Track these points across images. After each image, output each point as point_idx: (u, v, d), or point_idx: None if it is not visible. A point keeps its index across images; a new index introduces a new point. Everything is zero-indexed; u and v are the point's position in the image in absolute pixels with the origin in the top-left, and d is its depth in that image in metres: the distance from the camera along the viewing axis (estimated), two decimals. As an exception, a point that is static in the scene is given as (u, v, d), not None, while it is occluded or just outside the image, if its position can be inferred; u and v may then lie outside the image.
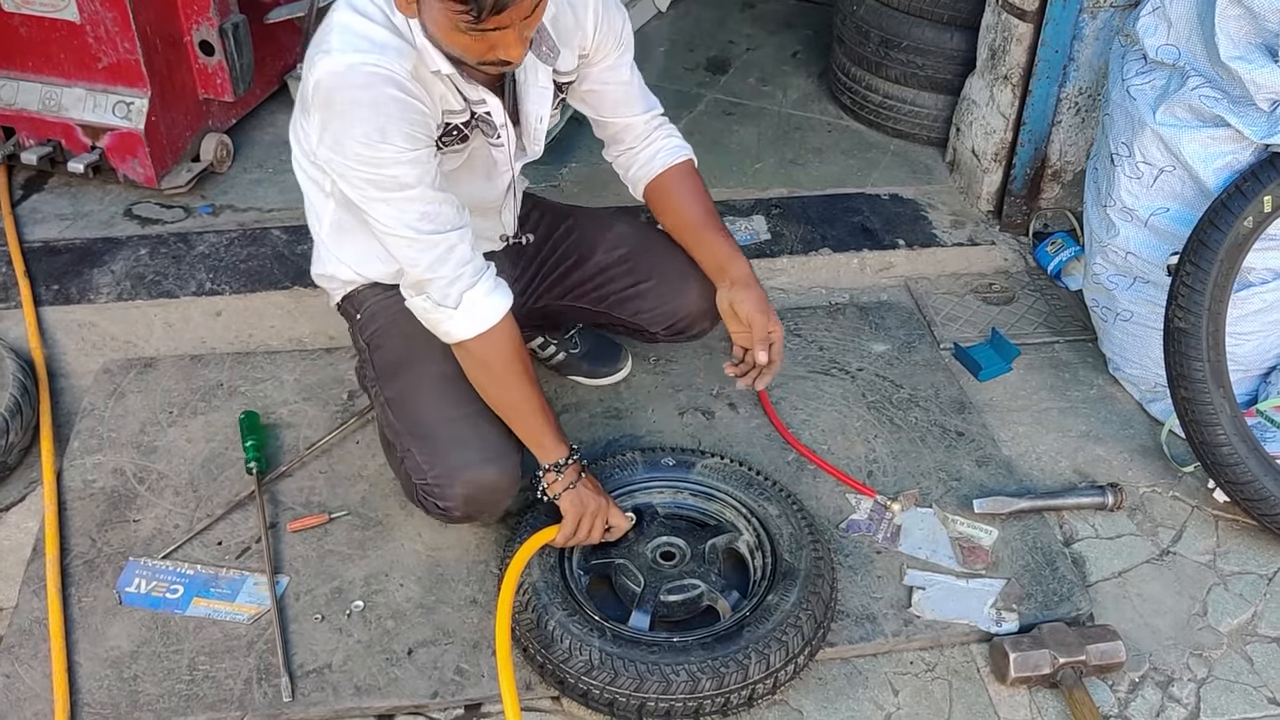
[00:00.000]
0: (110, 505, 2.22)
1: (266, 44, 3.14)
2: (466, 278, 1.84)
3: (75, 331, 2.61)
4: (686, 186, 2.14)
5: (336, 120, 1.71)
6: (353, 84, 1.69)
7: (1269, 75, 2.13)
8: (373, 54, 1.69)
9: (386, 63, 1.70)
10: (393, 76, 1.70)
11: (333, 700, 1.89)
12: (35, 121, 2.89)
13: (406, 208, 1.77)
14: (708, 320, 2.24)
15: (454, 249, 1.82)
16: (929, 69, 3.31)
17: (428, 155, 1.78)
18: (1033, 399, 2.59)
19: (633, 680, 1.79)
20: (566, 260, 2.25)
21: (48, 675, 1.89)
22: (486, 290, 1.86)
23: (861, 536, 2.20)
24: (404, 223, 1.78)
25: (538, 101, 1.94)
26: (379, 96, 1.69)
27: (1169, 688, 1.99)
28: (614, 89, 2.07)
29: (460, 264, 1.83)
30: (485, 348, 1.89)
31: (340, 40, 1.70)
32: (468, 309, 1.85)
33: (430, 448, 1.96)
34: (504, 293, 1.89)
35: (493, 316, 1.86)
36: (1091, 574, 2.18)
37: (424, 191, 1.77)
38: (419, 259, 1.81)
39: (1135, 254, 2.45)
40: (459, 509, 1.96)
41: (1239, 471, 2.15)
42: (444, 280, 1.83)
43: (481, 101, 1.86)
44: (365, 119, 1.69)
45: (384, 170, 1.73)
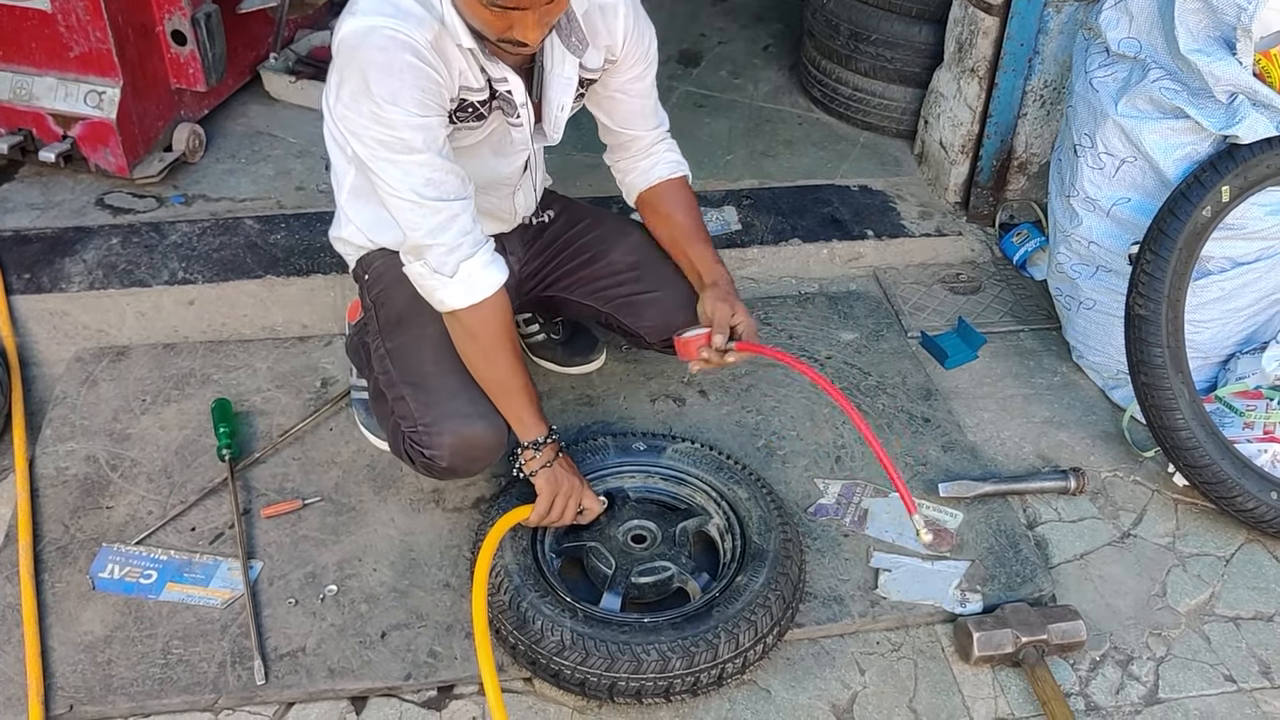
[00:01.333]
0: (83, 492, 2.22)
1: (239, 34, 3.14)
2: (465, 248, 1.86)
3: (47, 320, 2.61)
4: (678, 199, 2.20)
5: (354, 79, 1.76)
6: (372, 45, 1.74)
7: (1227, 68, 2.18)
8: (395, 19, 1.74)
9: (407, 29, 1.74)
10: (410, 43, 1.74)
11: (306, 683, 1.91)
12: (6, 110, 2.87)
13: (413, 171, 1.80)
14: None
15: (456, 218, 1.85)
16: (898, 62, 3.34)
17: (438, 123, 1.82)
18: (998, 386, 2.64)
19: (604, 660, 1.82)
20: (582, 255, 2.29)
21: (21, 660, 1.90)
22: (484, 262, 1.89)
23: (829, 520, 2.24)
24: (409, 186, 1.80)
25: (561, 90, 1.98)
26: (395, 60, 1.74)
27: (1129, 666, 2.03)
28: (631, 101, 2.11)
29: (461, 233, 1.86)
30: (476, 319, 1.91)
31: (368, 3, 1.75)
32: (463, 278, 1.87)
33: (424, 395, 1.99)
34: (500, 267, 1.92)
35: (487, 288, 1.89)
36: (1054, 556, 2.22)
37: (431, 158, 1.80)
38: (420, 223, 1.84)
39: (1098, 243, 2.50)
40: (444, 458, 1.97)
41: (1198, 456, 2.20)
42: (443, 248, 1.85)
43: (504, 79, 1.90)
44: (380, 80, 1.74)
45: (394, 132, 1.77)
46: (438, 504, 2.24)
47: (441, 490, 2.26)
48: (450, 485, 2.27)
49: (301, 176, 3.06)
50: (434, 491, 2.26)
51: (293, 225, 2.84)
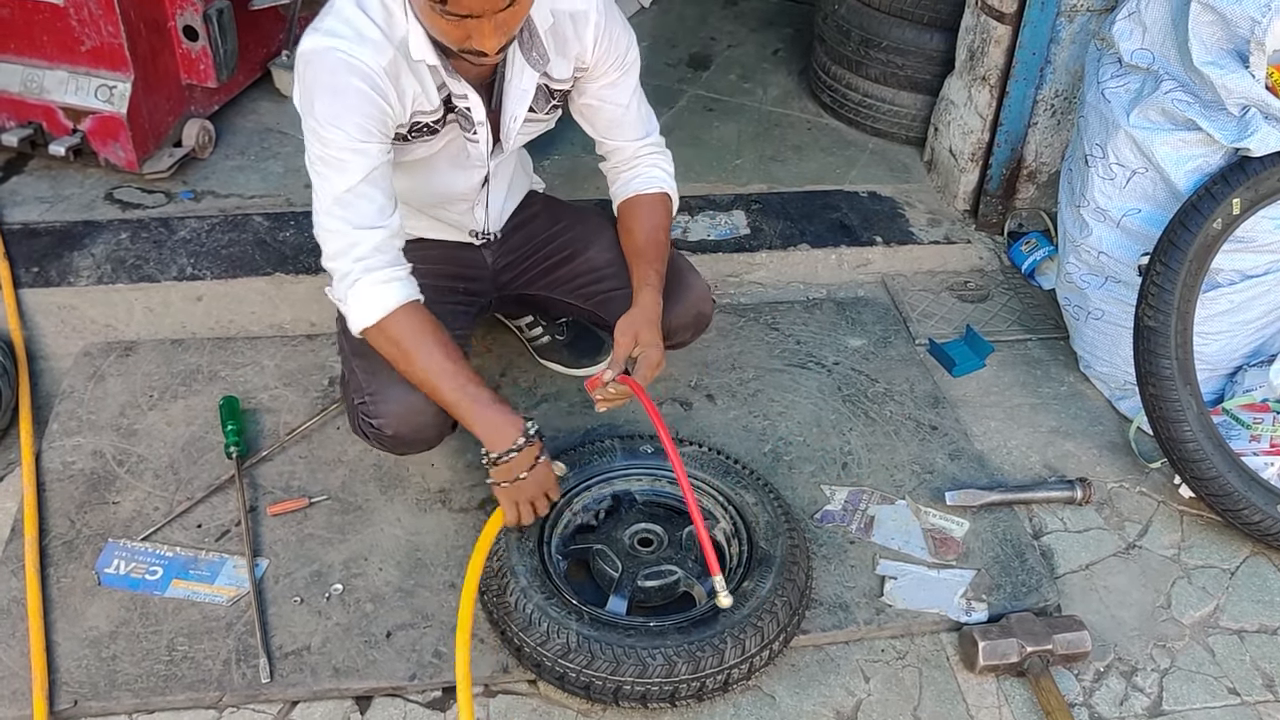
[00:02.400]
0: (89, 487, 2.22)
1: (250, 30, 3.14)
2: (355, 274, 1.86)
3: (55, 314, 2.61)
4: (642, 214, 2.15)
5: (305, 93, 1.80)
6: (323, 65, 1.77)
7: (1240, 80, 2.18)
8: (351, 43, 1.76)
9: (361, 55, 1.77)
10: (361, 68, 1.77)
11: (311, 682, 1.91)
12: (17, 103, 2.87)
13: (334, 186, 1.82)
14: (688, 333, 2.28)
15: (355, 245, 1.85)
16: (908, 69, 3.34)
17: (378, 151, 1.83)
18: (1005, 395, 2.64)
19: (609, 663, 1.82)
20: (561, 253, 2.28)
21: (26, 655, 1.90)
22: (374, 282, 1.86)
23: (836, 527, 2.24)
24: (326, 204, 1.84)
25: (517, 102, 1.98)
26: (342, 84, 1.77)
27: (1133, 677, 2.03)
28: (610, 109, 2.09)
29: (353, 260, 1.86)
30: (376, 342, 1.90)
31: (331, 23, 1.78)
32: (353, 304, 1.88)
33: (370, 365, 1.99)
34: (399, 290, 1.87)
35: (376, 312, 1.86)
36: (1059, 566, 2.22)
37: (355, 182, 1.82)
38: (326, 241, 1.87)
39: (1107, 254, 2.50)
40: (390, 426, 1.98)
41: (1204, 468, 2.20)
42: (339, 273, 1.88)
43: (464, 96, 1.91)
44: (326, 101, 1.77)
45: (329, 150, 1.80)
46: (444, 504, 2.24)
47: (448, 490, 2.26)
48: (456, 485, 2.27)
49: (311, 174, 3.06)
50: (440, 492, 2.26)
51: (302, 223, 2.84)
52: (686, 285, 2.23)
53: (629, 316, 2.02)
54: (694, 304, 2.23)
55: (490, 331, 2.67)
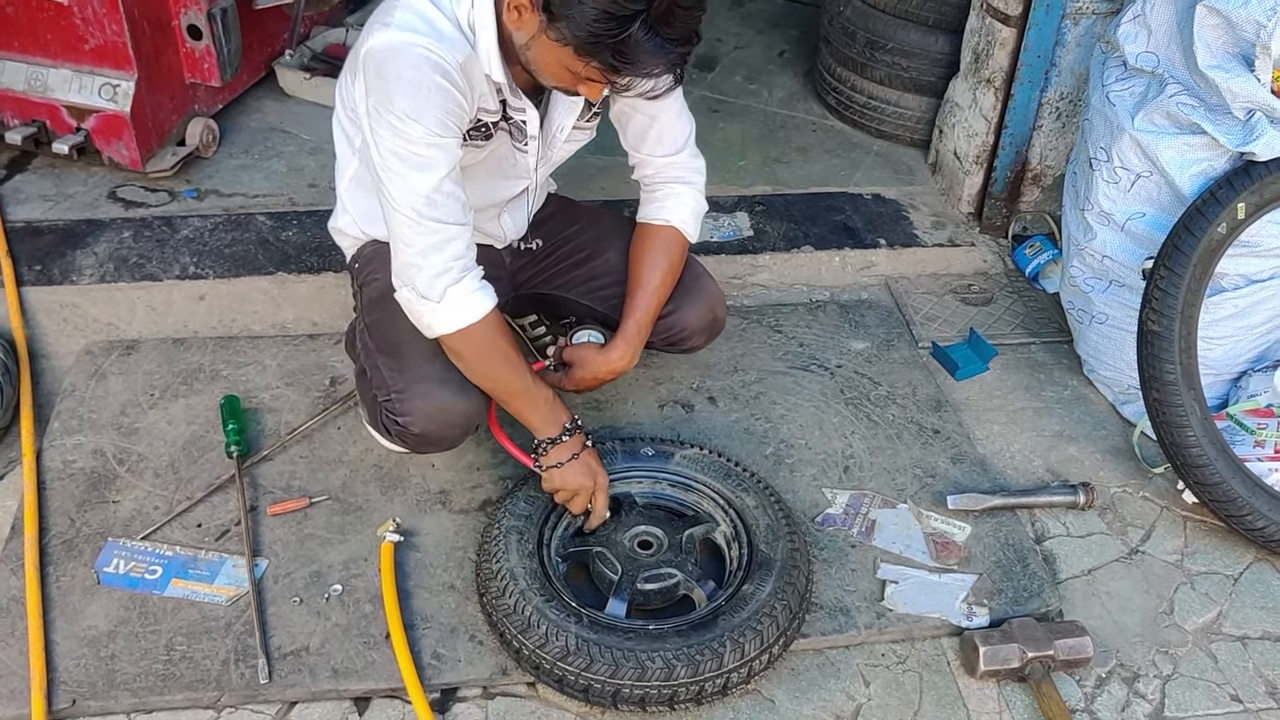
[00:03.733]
0: (90, 486, 2.22)
1: (254, 29, 3.14)
2: (454, 273, 1.86)
3: (57, 312, 2.61)
4: (649, 246, 2.15)
5: (381, 91, 1.76)
6: (403, 61, 1.74)
7: (1245, 84, 2.17)
8: (430, 38, 1.74)
9: (440, 50, 1.74)
10: (442, 64, 1.75)
11: (310, 682, 1.90)
12: (20, 102, 2.88)
13: (420, 187, 1.80)
14: (703, 337, 2.29)
15: (450, 242, 1.84)
16: (913, 71, 3.34)
17: (455, 144, 1.82)
18: (1008, 399, 2.63)
19: (608, 666, 1.81)
20: (579, 254, 2.29)
21: (24, 653, 1.90)
22: (470, 288, 1.88)
23: (837, 530, 2.23)
24: (410, 203, 1.81)
25: (565, 113, 1.99)
26: (424, 79, 1.74)
27: (1135, 684, 2.02)
28: (639, 119, 2.08)
29: (451, 258, 1.85)
30: (464, 343, 1.91)
31: (403, 18, 1.75)
32: (450, 304, 1.87)
33: (397, 364, 2.01)
34: (488, 293, 1.91)
35: (474, 314, 1.88)
36: (1061, 571, 2.21)
37: (439, 179, 1.80)
38: (414, 241, 1.84)
39: (1111, 258, 2.49)
40: (416, 424, 1.99)
41: (1208, 473, 2.19)
42: (431, 271, 1.85)
43: (521, 110, 1.92)
44: (407, 95, 1.74)
45: (410, 147, 1.78)
46: (444, 505, 2.24)
47: (448, 492, 2.26)
48: (456, 487, 2.27)
49: (314, 173, 3.06)
50: (440, 493, 2.26)
51: (305, 222, 2.84)
52: (702, 290, 2.24)
53: (585, 352, 2.14)
54: (710, 308, 2.24)
55: (492, 332, 2.66)
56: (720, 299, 2.28)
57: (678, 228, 2.15)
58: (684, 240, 2.16)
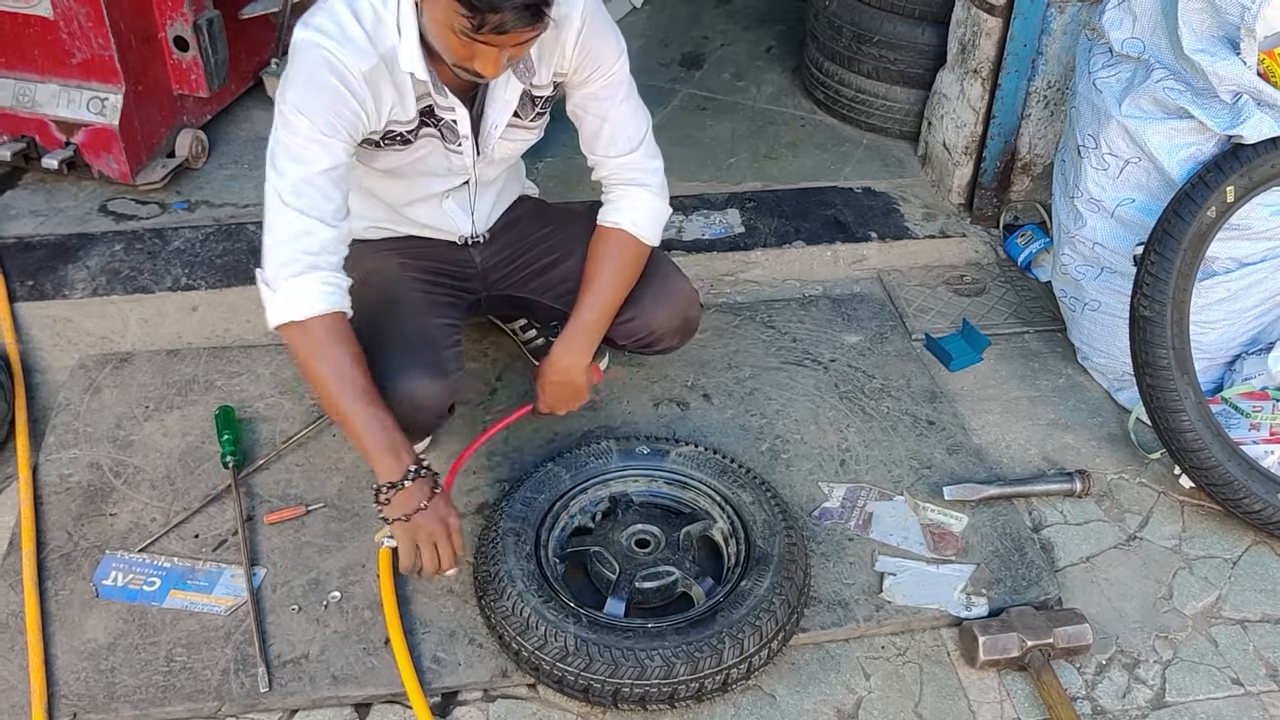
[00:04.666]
0: (86, 499, 2.22)
1: (241, 40, 3.14)
2: (298, 265, 1.83)
3: (50, 327, 2.61)
4: (602, 250, 2.12)
5: (285, 78, 1.82)
6: (305, 58, 1.80)
7: (1231, 67, 2.17)
8: (336, 42, 1.78)
9: (343, 56, 1.78)
10: (341, 68, 1.79)
11: (310, 690, 1.90)
12: (9, 117, 2.88)
13: (291, 175, 1.82)
14: (675, 339, 2.28)
15: (306, 235, 1.83)
16: (901, 64, 3.34)
17: (341, 150, 1.84)
18: (1003, 388, 2.63)
19: (607, 666, 1.81)
20: (548, 256, 2.28)
21: (24, 668, 1.90)
22: (310, 284, 1.83)
23: (834, 524, 2.23)
24: (279, 188, 1.83)
25: (499, 111, 1.99)
26: (320, 78, 1.79)
27: (1135, 670, 2.02)
28: (590, 120, 2.07)
29: (302, 251, 1.83)
30: (293, 341, 1.87)
31: (320, 20, 1.80)
32: (284, 294, 1.84)
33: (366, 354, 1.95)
34: (331, 297, 1.84)
35: (302, 310, 1.83)
36: (1059, 559, 2.21)
37: (313, 172, 1.82)
38: (274, 227, 1.85)
39: (1102, 244, 2.49)
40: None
41: (1203, 457, 2.19)
42: (279, 259, 1.84)
43: (450, 109, 1.93)
44: (300, 90, 1.80)
45: (294, 138, 1.81)
46: (441, 509, 2.23)
47: (445, 495, 2.26)
48: (453, 491, 2.26)
49: (304, 182, 3.06)
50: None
51: (295, 231, 2.83)
52: (671, 290, 2.21)
53: (539, 366, 2.17)
54: (680, 309, 2.22)
55: (486, 335, 2.67)
56: (692, 298, 2.25)
57: (628, 230, 2.11)
58: (636, 243, 2.12)
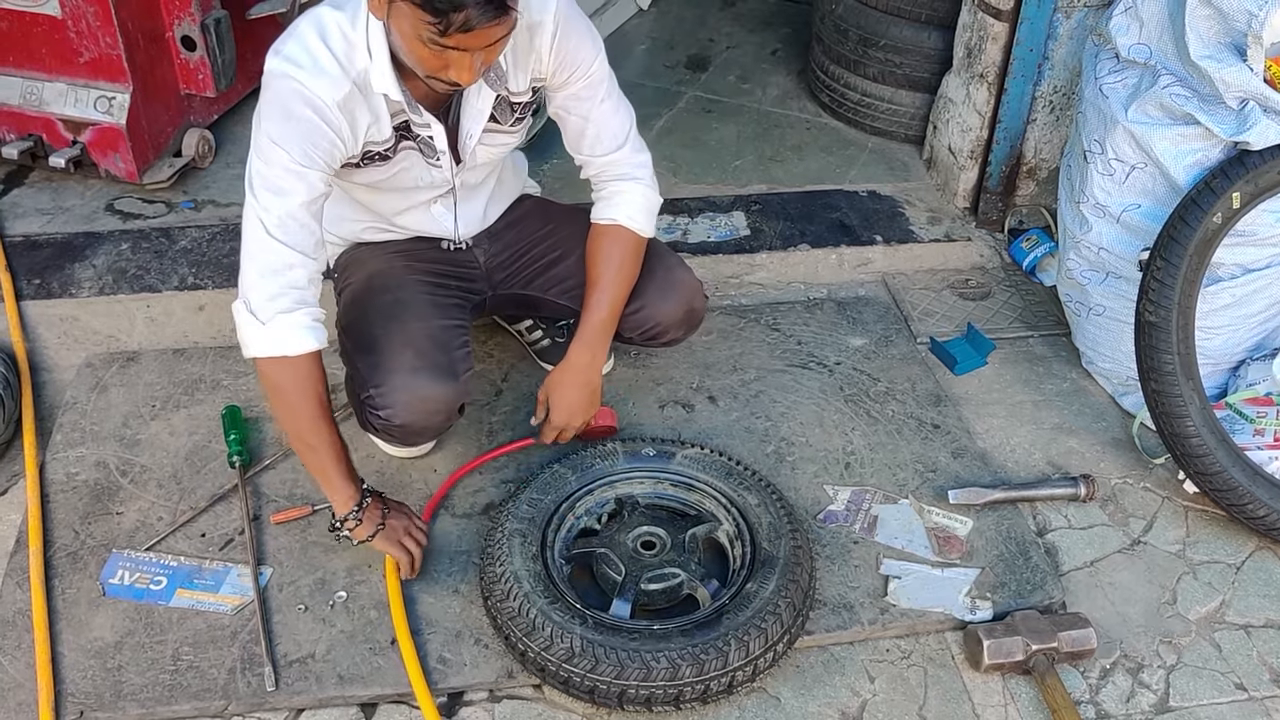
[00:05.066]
0: (93, 498, 2.23)
1: (248, 39, 3.14)
2: (287, 300, 1.84)
3: (57, 325, 2.62)
4: (599, 246, 2.15)
5: (260, 111, 1.81)
6: (278, 91, 1.78)
7: (1238, 74, 2.17)
8: (309, 73, 1.77)
9: (316, 86, 1.78)
10: (314, 100, 1.78)
11: (316, 689, 1.91)
12: (16, 116, 2.89)
13: (273, 208, 1.81)
14: (680, 330, 2.29)
15: (291, 269, 1.83)
16: (907, 67, 3.34)
17: (318, 180, 1.84)
18: (1007, 392, 2.63)
19: (613, 667, 1.82)
20: (551, 253, 2.29)
21: (31, 666, 1.90)
22: (300, 322, 1.85)
23: (839, 527, 2.24)
24: (262, 219, 1.82)
25: (474, 120, 1.99)
26: (293, 110, 1.78)
27: (1139, 674, 2.03)
28: (574, 121, 2.07)
29: (289, 285, 1.84)
30: (279, 374, 1.88)
31: (292, 48, 1.79)
32: (273, 329, 1.84)
33: (373, 359, 2.02)
34: (316, 335, 1.88)
35: (293, 348, 1.85)
36: (1064, 563, 2.21)
37: (294, 205, 1.82)
38: (257, 258, 1.84)
39: (1108, 249, 2.49)
40: (398, 416, 2.00)
41: (1208, 463, 2.19)
42: (266, 293, 1.84)
43: (426, 125, 1.94)
44: (276, 122, 1.79)
45: (271, 170, 1.80)
46: (447, 510, 2.24)
47: (450, 496, 2.27)
48: (459, 491, 2.28)
49: (310, 182, 3.06)
50: (443, 499, 2.26)
51: (302, 231, 2.84)
52: (675, 282, 2.23)
53: (553, 373, 2.18)
54: (684, 300, 2.24)
55: (492, 336, 2.67)
56: (696, 290, 2.27)
57: (624, 224, 2.13)
58: (634, 236, 2.14)
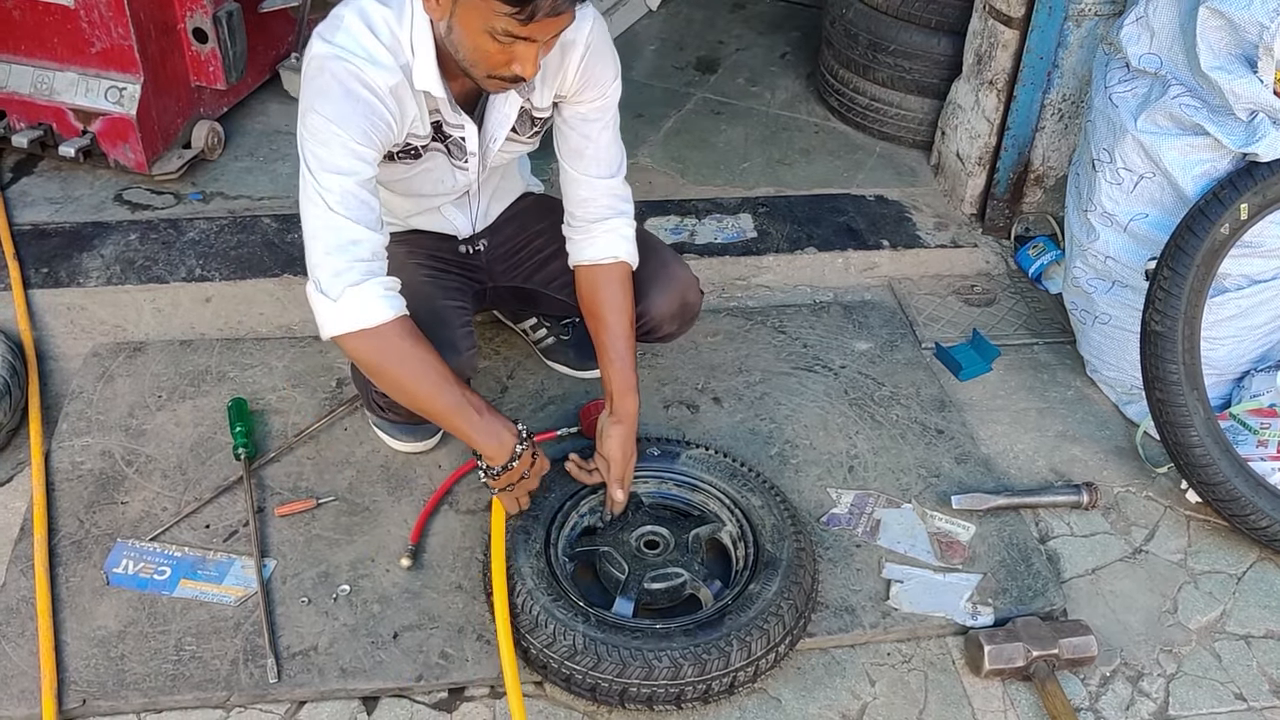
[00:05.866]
0: (98, 487, 2.23)
1: (259, 32, 3.15)
2: (355, 274, 1.82)
3: (64, 314, 2.62)
4: (610, 295, 2.10)
5: (311, 93, 1.80)
6: (334, 73, 1.78)
7: (1248, 85, 2.17)
8: (363, 60, 1.78)
9: (373, 72, 1.78)
10: (370, 83, 1.78)
11: (318, 682, 1.91)
12: (27, 105, 2.89)
13: (333, 186, 1.81)
14: (674, 324, 2.28)
15: (356, 244, 1.82)
16: (916, 73, 3.35)
17: (373, 156, 1.84)
18: (1011, 399, 2.64)
19: (615, 666, 1.82)
20: (550, 247, 2.29)
21: (35, 654, 1.91)
22: (373, 292, 1.83)
23: (842, 530, 2.24)
24: (324, 198, 1.81)
25: (498, 125, 2.00)
26: (353, 90, 1.78)
27: (1139, 682, 2.03)
28: (576, 138, 2.05)
29: (355, 259, 1.82)
30: (364, 350, 1.86)
31: (343, 39, 1.78)
32: (347, 303, 1.82)
33: None
34: (393, 303, 1.85)
35: (370, 318, 1.83)
36: (1065, 570, 2.22)
37: (355, 183, 1.82)
38: (321, 235, 1.82)
39: (1114, 258, 2.50)
40: None
41: (1211, 473, 2.20)
42: (333, 268, 1.82)
43: (460, 126, 1.95)
44: (335, 103, 1.78)
45: (330, 151, 1.79)
46: (451, 506, 2.25)
47: (455, 492, 2.27)
48: (463, 487, 2.28)
49: (319, 176, 3.07)
50: (447, 494, 2.26)
51: (310, 224, 2.85)
52: (670, 277, 2.23)
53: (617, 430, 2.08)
54: (679, 293, 2.23)
55: (496, 334, 2.68)
56: (691, 283, 2.26)
57: (624, 260, 2.11)
58: (631, 269, 2.13)
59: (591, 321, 2.13)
